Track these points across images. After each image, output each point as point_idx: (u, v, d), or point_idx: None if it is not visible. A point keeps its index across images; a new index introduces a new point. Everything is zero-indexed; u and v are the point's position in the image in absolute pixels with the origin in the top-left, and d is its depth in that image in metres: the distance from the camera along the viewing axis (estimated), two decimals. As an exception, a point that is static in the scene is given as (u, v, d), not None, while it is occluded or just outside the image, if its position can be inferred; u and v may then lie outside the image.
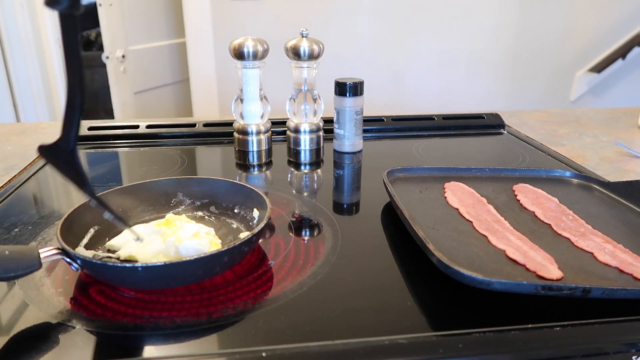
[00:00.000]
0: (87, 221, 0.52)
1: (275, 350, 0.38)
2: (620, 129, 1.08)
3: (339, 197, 0.73)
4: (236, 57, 0.81)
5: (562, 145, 0.97)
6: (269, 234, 0.57)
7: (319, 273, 0.48)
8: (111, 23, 2.19)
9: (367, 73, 1.99)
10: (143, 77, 2.42)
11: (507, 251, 0.49)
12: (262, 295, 0.45)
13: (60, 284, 0.46)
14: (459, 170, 0.70)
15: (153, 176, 0.75)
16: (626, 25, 2.29)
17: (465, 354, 0.38)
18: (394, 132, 1.01)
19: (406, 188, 0.65)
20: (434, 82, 2.35)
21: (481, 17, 2.26)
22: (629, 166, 0.85)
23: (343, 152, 0.87)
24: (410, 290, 0.47)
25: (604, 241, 0.52)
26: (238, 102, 0.85)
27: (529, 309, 0.43)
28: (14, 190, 0.71)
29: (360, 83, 0.83)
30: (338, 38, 2.22)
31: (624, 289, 0.42)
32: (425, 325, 0.42)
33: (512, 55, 2.33)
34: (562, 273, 0.45)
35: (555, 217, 0.58)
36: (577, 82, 2.39)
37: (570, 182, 0.69)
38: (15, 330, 0.40)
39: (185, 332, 0.40)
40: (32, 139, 0.98)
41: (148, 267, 0.42)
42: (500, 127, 1.04)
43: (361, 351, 0.38)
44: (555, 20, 2.28)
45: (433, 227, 0.54)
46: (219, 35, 2.20)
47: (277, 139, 0.94)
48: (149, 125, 0.97)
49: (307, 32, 0.82)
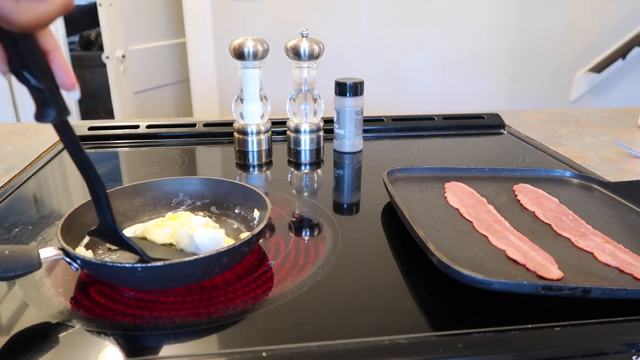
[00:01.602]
0: (87, 221, 0.52)
1: (275, 350, 0.38)
2: (620, 129, 1.08)
3: (339, 197, 0.73)
4: (236, 57, 0.81)
5: (562, 145, 0.97)
6: (269, 234, 0.57)
7: (319, 273, 0.48)
8: (111, 23, 2.19)
9: (367, 73, 1.99)
10: (143, 77, 2.42)
11: (507, 251, 0.49)
12: (262, 295, 0.45)
13: (60, 284, 0.46)
14: (459, 170, 0.70)
15: (153, 176, 0.75)
16: (626, 25, 2.29)
17: (465, 354, 0.38)
18: (394, 132, 1.01)
19: (406, 188, 0.65)
20: (434, 82, 2.35)
21: (481, 17, 2.26)
22: (629, 166, 0.85)
23: (343, 152, 0.87)
24: (410, 290, 0.47)
25: (604, 241, 0.52)
26: (238, 102, 0.85)
27: (529, 309, 0.43)
28: (14, 190, 0.71)
29: (360, 83, 0.83)
30: (338, 38, 2.22)
31: (624, 289, 0.42)
32: (425, 325, 0.42)
33: (512, 55, 2.33)
34: (562, 273, 0.45)
35: (555, 217, 0.58)
36: (577, 82, 2.39)
37: (571, 182, 0.69)
38: (15, 330, 0.40)
39: (185, 332, 0.40)
40: (32, 139, 0.98)
41: (148, 268, 0.42)
42: (500, 127, 1.04)
43: (361, 351, 0.38)
44: (555, 20, 2.28)
45: (433, 227, 0.54)
46: (219, 35, 2.20)
47: (277, 139, 0.94)
48: (149, 125, 0.97)
49: (307, 32, 0.82)
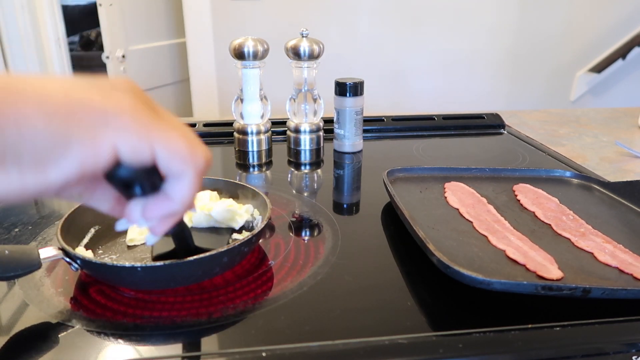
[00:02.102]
0: (87, 221, 0.52)
1: (275, 350, 0.38)
2: (620, 129, 1.08)
3: (339, 197, 0.73)
4: (236, 57, 0.81)
5: (562, 145, 0.97)
6: (269, 234, 0.57)
7: (319, 273, 0.48)
8: (111, 23, 2.19)
9: (367, 73, 1.99)
10: (143, 77, 2.42)
11: (507, 251, 0.49)
12: (262, 295, 0.45)
13: (60, 284, 0.46)
14: (459, 170, 0.70)
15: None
16: (626, 25, 2.29)
17: (465, 354, 0.38)
18: (394, 132, 1.01)
19: (406, 188, 0.65)
20: (434, 82, 2.35)
21: (481, 17, 2.26)
22: (629, 166, 0.85)
23: (343, 152, 0.87)
24: (410, 290, 0.47)
25: (604, 241, 0.52)
26: (238, 102, 0.85)
27: (529, 309, 0.43)
28: (14, 190, 0.71)
29: (360, 83, 0.83)
30: (338, 38, 2.23)
31: (624, 289, 0.42)
32: (425, 325, 0.42)
33: (512, 55, 2.33)
34: (562, 273, 0.45)
35: (555, 217, 0.58)
36: (577, 82, 2.39)
37: (571, 182, 0.69)
38: (15, 330, 0.40)
39: (185, 332, 0.40)
40: (32, 139, 0.98)
41: (147, 268, 0.42)
42: (500, 127, 1.04)
43: (361, 351, 0.38)
44: (555, 20, 2.28)
45: (433, 227, 0.54)
46: (219, 35, 2.20)
47: (277, 139, 0.94)
48: (149, 125, 0.97)
49: (307, 32, 0.82)
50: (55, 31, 2.31)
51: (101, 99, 0.27)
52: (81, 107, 0.27)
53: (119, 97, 0.28)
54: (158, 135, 0.29)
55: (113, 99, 0.28)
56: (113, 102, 0.28)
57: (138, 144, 0.28)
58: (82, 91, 0.27)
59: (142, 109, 0.29)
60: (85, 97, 0.27)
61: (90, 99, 0.27)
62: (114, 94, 0.28)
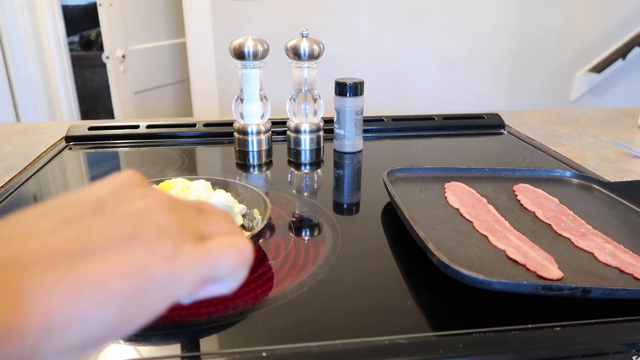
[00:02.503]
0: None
1: (275, 350, 0.38)
2: (620, 129, 1.08)
3: (339, 197, 0.73)
4: (236, 57, 0.81)
5: (562, 145, 0.97)
6: (269, 234, 0.57)
7: (319, 273, 0.48)
8: (111, 23, 2.19)
9: (367, 73, 2.00)
10: (143, 77, 2.42)
11: (507, 251, 0.49)
12: (262, 295, 0.45)
13: (60, 284, 0.46)
14: (459, 170, 0.70)
15: (153, 176, 0.75)
16: (626, 25, 2.29)
17: (465, 354, 0.38)
18: (394, 132, 1.01)
19: (406, 188, 0.65)
20: (434, 82, 2.35)
21: (481, 17, 2.26)
22: (629, 166, 0.85)
23: (343, 152, 0.87)
24: (410, 290, 0.47)
25: (604, 241, 0.52)
26: (238, 102, 0.85)
27: (529, 309, 0.43)
28: (14, 190, 0.71)
29: (360, 83, 0.83)
30: (338, 38, 2.23)
31: (624, 289, 0.42)
32: (425, 325, 0.42)
33: (511, 55, 2.33)
34: (562, 273, 0.45)
35: (555, 217, 0.58)
36: (577, 82, 2.39)
37: (571, 182, 0.69)
38: (15, 330, 0.40)
39: (185, 332, 0.40)
40: (32, 139, 0.98)
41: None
42: (500, 127, 1.04)
43: (361, 351, 0.38)
44: (555, 20, 2.28)
45: (433, 227, 0.54)
46: (219, 35, 2.20)
47: (277, 139, 0.94)
48: (149, 125, 0.97)
49: (307, 32, 0.82)
50: (55, 31, 2.31)
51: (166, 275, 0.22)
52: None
53: (180, 262, 0.23)
54: (215, 261, 0.25)
55: (176, 267, 0.23)
56: (177, 270, 0.23)
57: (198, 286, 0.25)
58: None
59: (190, 241, 0.24)
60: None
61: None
62: (174, 261, 0.23)
